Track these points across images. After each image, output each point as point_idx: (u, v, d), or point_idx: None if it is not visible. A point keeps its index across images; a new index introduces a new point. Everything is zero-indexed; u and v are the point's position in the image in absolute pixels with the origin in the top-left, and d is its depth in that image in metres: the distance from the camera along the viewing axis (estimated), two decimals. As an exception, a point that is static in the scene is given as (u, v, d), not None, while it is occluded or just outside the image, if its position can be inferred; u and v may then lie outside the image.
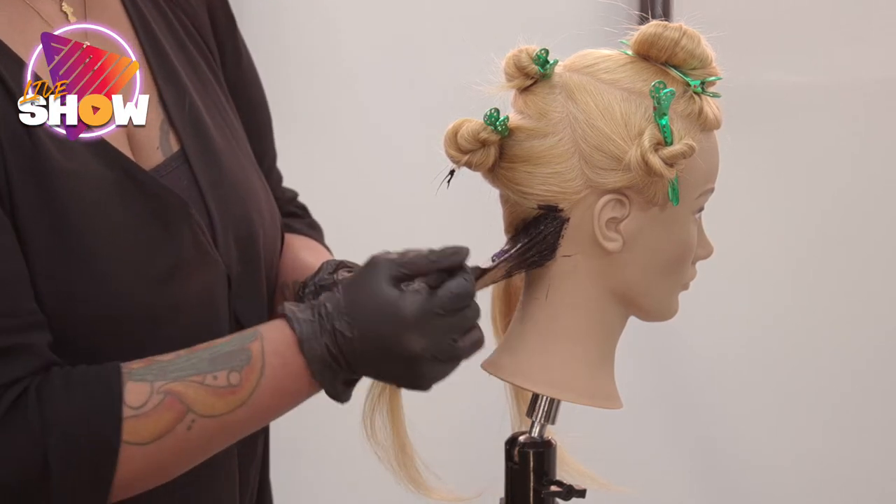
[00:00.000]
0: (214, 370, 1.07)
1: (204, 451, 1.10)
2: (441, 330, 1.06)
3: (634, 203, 1.07)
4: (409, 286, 1.06)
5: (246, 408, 1.08)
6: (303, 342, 1.07)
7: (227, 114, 1.28)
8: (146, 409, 1.05)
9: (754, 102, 2.05)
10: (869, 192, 2.18)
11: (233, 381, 1.07)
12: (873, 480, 2.23)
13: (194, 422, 1.06)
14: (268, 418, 1.12)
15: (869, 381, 2.21)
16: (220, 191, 1.21)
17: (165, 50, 1.23)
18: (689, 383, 2.19)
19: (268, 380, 1.08)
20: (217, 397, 1.07)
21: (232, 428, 1.09)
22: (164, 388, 1.06)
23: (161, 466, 1.08)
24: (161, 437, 1.06)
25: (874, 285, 2.20)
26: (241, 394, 1.07)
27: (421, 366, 1.06)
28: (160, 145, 1.20)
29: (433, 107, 1.68)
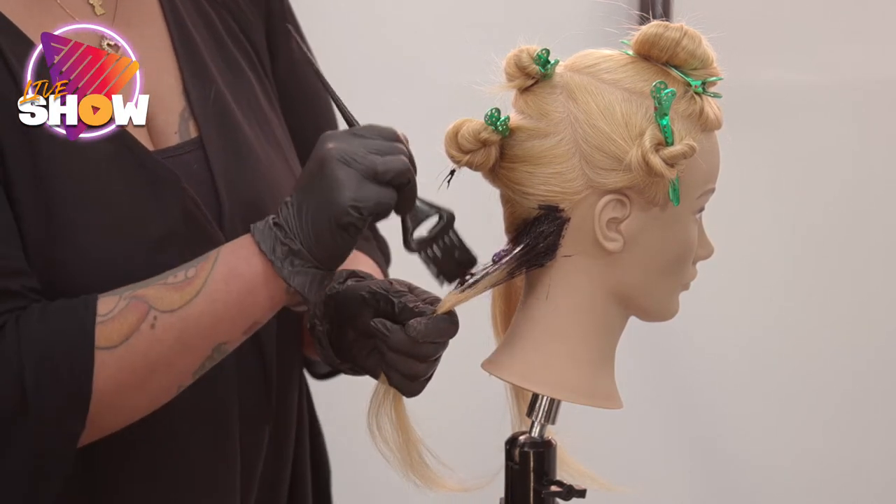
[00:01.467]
0: (176, 271, 1.11)
1: (174, 354, 1.10)
2: (357, 142, 1.07)
3: (635, 203, 1.07)
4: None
5: (201, 298, 1.09)
6: (253, 228, 1.10)
7: (260, 109, 1.30)
8: (113, 313, 1.09)
9: (754, 102, 2.05)
10: (869, 191, 2.18)
11: (189, 275, 1.10)
12: (873, 480, 2.23)
13: (157, 318, 1.09)
14: (228, 314, 1.11)
15: (869, 381, 2.21)
16: (234, 176, 1.22)
17: (196, 42, 1.26)
18: (689, 383, 2.19)
19: (220, 265, 1.10)
20: (175, 291, 1.09)
21: (194, 323, 1.09)
22: (130, 294, 1.10)
23: (135, 372, 1.09)
24: (128, 339, 1.08)
25: (874, 285, 2.20)
26: (195, 283, 1.09)
27: (333, 165, 1.06)
28: (178, 131, 1.22)
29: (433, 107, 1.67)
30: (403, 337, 1.10)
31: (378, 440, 1.14)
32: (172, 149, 1.21)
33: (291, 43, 1.36)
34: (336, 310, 1.19)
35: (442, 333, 1.11)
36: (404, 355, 1.11)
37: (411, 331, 1.10)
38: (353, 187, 1.06)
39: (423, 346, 1.11)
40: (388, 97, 2.07)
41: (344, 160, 1.06)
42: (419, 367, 1.12)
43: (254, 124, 1.28)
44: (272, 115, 1.32)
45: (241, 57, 1.31)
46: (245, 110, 1.28)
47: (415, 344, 1.10)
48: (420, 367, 1.12)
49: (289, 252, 1.08)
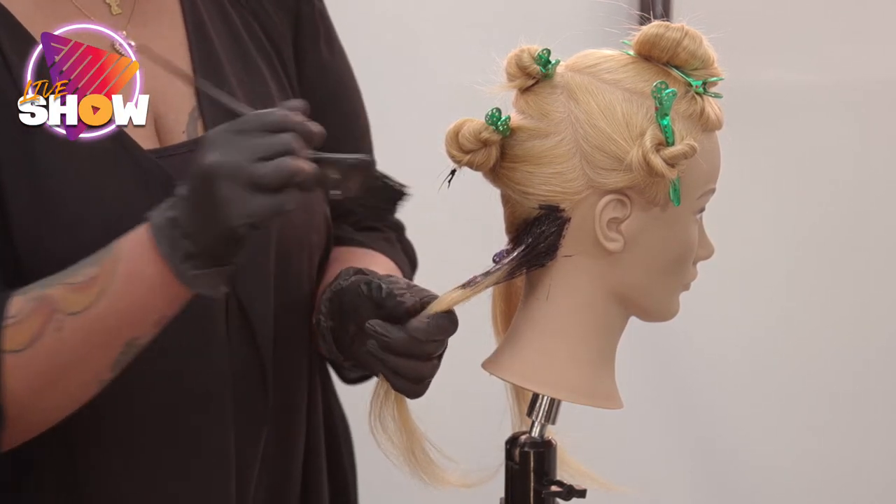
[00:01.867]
0: (79, 269, 1.10)
1: (84, 354, 1.10)
2: (238, 146, 1.03)
3: (636, 203, 1.07)
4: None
5: (105, 299, 1.08)
6: (151, 219, 1.08)
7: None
8: (20, 316, 1.09)
9: (754, 102, 2.05)
10: (869, 191, 2.18)
11: (91, 274, 1.09)
12: (873, 481, 2.23)
13: (62, 321, 1.08)
14: (133, 313, 1.09)
15: (870, 381, 2.21)
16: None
17: (212, 43, 1.26)
18: (689, 383, 2.19)
19: (122, 265, 1.08)
20: (77, 292, 1.09)
21: (100, 324, 1.09)
22: (35, 295, 1.09)
23: (46, 373, 1.09)
24: (35, 342, 1.09)
25: (875, 285, 2.20)
26: (99, 283, 1.09)
27: (216, 184, 1.02)
28: (186, 129, 1.22)
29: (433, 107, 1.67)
30: (404, 337, 1.10)
31: (382, 439, 1.14)
32: (175, 146, 1.21)
33: (320, 45, 1.35)
34: (339, 305, 1.18)
35: (443, 331, 1.10)
36: (405, 356, 1.11)
37: (413, 330, 1.09)
38: (240, 204, 1.03)
39: (424, 345, 1.10)
40: (388, 97, 2.07)
41: (227, 175, 1.02)
42: (423, 367, 1.11)
43: None
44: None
45: (261, 58, 1.31)
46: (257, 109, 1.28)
47: (416, 343, 1.10)
48: (424, 367, 1.11)
49: (187, 256, 1.07)
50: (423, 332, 1.09)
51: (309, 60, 1.36)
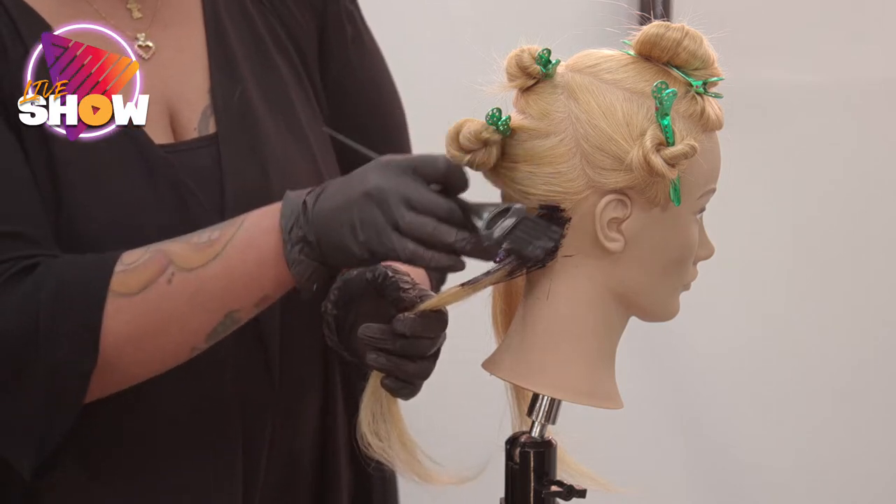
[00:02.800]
0: (204, 231, 1.13)
1: (187, 312, 1.12)
2: (404, 184, 1.06)
3: (636, 203, 1.07)
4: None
5: (218, 262, 1.11)
6: (286, 198, 1.11)
7: (291, 108, 1.31)
8: (137, 264, 1.12)
9: (755, 102, 2.05)
10: (869, 191, 2.18)
11: (213, 237, 1.12)
12: (873, 480, 2.23)
13: (174, 275, 1.11)
14: (240, 281, 1.12)
15: (869, 381, 2.21)
16: (244, 172, 1.24)
17: (230, 43, 1.29)
18: (689, 383, 2.19)
19: (242, 232, 1.12)
20: (196, 251, 1.12)
21: (208, 285, 1.11)
22: (157, 247, 1.12)
23: (148, 322, 1.12)
24: (146, 289, 1.11)
25: (874, 284, 2.20)
26: (216, 246, 1.12)
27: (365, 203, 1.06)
28: (198, 126, 1.25)
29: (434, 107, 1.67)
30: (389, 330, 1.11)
31: (373, 439, 1.14)
32: (186, 142, 1.24)
33: (347, 44, 1.38)
34: (347, 294, 1.19)
35: (428, 328, 1.11)
36: (394, 354, 1.11)
37: (399, 325, 1.10)
38: (372, 233, 1.06)
39: (412, 343, 1.11)
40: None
41: (380, 202, 1.06)
42: (410, 366, 1.12)
43: (280, 122, 1.30)
44: (306, 113, 1.33)
45: (280, 58, 1.33)
46: (273, 109, 1.30)
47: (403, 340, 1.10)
48: (411, 366, 1.12)
49: (302, 238, 1.10)
50: (407, 327, 1.10)
51: (336, 58, 1.37)
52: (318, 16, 1.36)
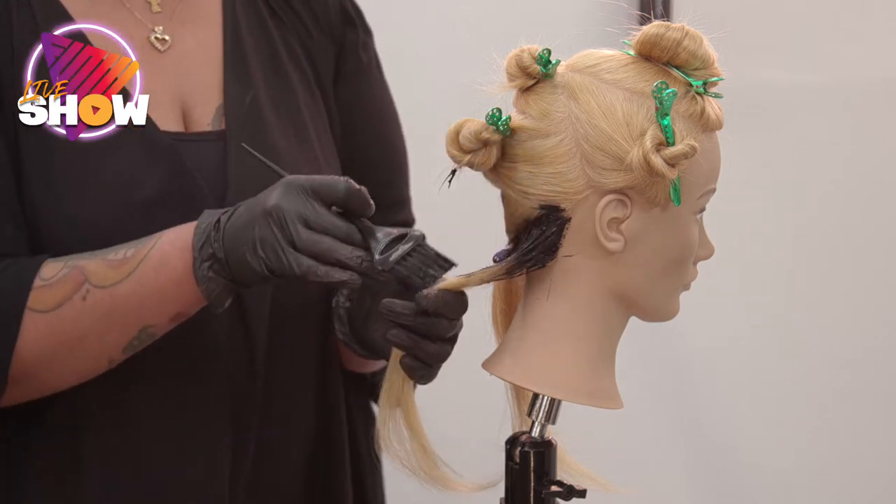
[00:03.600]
0: (120, 248, 1.15)
1: (101, 328, 1.15)
2: (300, 204, 1.10)
3: (636, 203, 1.07)
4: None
5: (132, 280, 1.14)
6: (201, 216, 1.14)
7: (301, 120, 1.33)
8: (53, 280, 1.14)
9: (755, 102, 2.05)
10: (868, 191, 2.18)
11: (127, 255, 1.15)
12: (873, 480, 2.23)
13: (89, 292, 1.14)
14: (153, 299, 1.15)
15: (869, 381, 2.21)
16: (248, 168, 1.25)
17: (246, 50, 1.31)
18: (689, 383, 2.19)
19: (156, 251, 1.14)
20: (111, 268, 1.14)
21: (122, 302, 1.14)
22: (73, 263, 1.15)
23: (63, 338, 1.14)
24: (61, 306, 1.14)
25: (874, 284, 2.20)
26: (130, 264, 1.14)
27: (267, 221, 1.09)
28: (211, 122, 1.27)
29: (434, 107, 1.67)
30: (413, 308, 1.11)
31: (392, 445, 1.14)
32: (198, 133, 1.26)
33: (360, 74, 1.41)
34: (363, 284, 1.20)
35: (450, 307, 1.11)
36: (416, 334, 1.12)
37: (422, 301, 1.10)
38: (273, 251, 1.10)
39: (434, 324, 1.11)
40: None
41: (279, 221, 1.10)
42: (430, 346, 1.12)
43: (287, 129, 1.31)
44: (317, 125, 1.35)
45: (294, 71, 1.35)
46: (282, 117, 1.32)
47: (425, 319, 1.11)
48: (431, 346, 1.12)
49: (211, 256, 1.13)
50: (430, 303, 1.10)
51: (350, 85, 1.40)
52: (336, 41, 1.39)
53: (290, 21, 1.36)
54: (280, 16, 1.36)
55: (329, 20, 1.39)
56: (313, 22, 1.37)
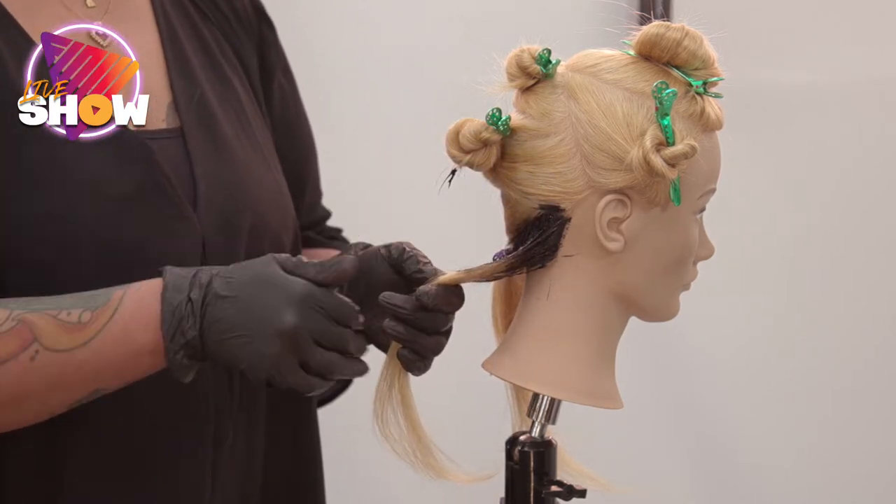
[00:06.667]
0: (72, 307, 1.09)
1: (50, 389, 1.10)
2: (318, 324, 1.08)
3: (636, 203, 1.07)
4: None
5: (88, 349, 1.09)
6: (167, 289, 1.09)
7: (244, 115, 1.32)
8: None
9: (755, 102, 2.05)
10: (868, 191, 2.18)
11: (83, 319, 1.09)
12: (873, 480, 2.23)
13: (38, 352, 1.08)
14: (113, 370, 1.10)
15: (869, 380, 2.21)
16: (211, 167, 1.24)
17: (184, 47, 1.29)
18: (689, 383, 2.19)
19: (115, 324, 1.09)
20: (64, 332, 1.09)
21: (75, 369, 1.09)
22: (20, 316, 1.09)
23: (8, 395, 1.09)
24: (5, 362, 1.08)
25: (874, 284, 2.20)
26: (87, 331, 1.09)
27: (278, 339, 1.06)
28: (165, 118, 1.24)
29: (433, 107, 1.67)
30: (413, 302, 1.12)
31: (388, 434, 1.14)
32: (154, 131, 1.22)
33: (279, 71, 1.40)
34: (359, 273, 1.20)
35: (448, 302, 1.12)
36: (413, 327, 1.12)
37: (424, 296, 1.11)
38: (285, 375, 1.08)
39: (431, 317, 1.12)
40: (388, 97, 2.07)
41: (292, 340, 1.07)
42: (426, 339, 1.13)
43: (237, 128, 1.30)
44: (257, 125, 1.34)
45: (230, 71, 1.34)
46: (229, 115, 1.30)
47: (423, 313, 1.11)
48: (427, 340, 1.13)
49: (186, 345, 1.08)
50: (430, 298, 1.11)
51: (276, 80, 1.40)
52: (254, 37, 1.38)
53: (216, 19, 1.35)
54: (206, 13, 1.34)
55: (248, 16, 1.38)
56: (235, 19, 1.36)
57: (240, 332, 1.07)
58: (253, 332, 1.07)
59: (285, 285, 1.08)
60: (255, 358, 1.07)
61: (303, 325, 1.07)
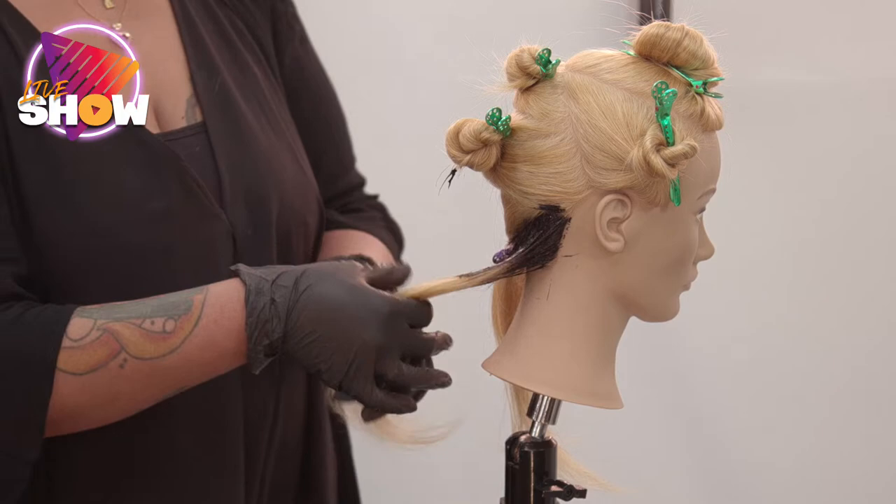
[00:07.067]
0: (154, 315, 1.12)
1: (139, 393, 1.13)
2: (405, 338, 1.11)
3: (636, 203, 1.07)
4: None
5: (175, 356, 1.12)
6: (249, 294, 1.11)
7: (265, 101, 1.34)
8: (84, 342, 1.11)
9: (755, 102, 2.05)
10: (869, 191, 2.18)
11: (167, 329, 1.12)
12: (873, 480, 2.23)
13: (126, 360, 1.11)
14: (199, 372, 1.14)
15: (868, 380, 2.21)
16: (235, 159, 1.26)
17: (202, 36, 1.30)
18: (689, 383, 2.19)
19: (200, 330, 1.12)
20: (150, 341, 1.11)
21: (163, 374, 1.12)
22: (104, 326, 1.11)
23: (96, 399, 1.12)
24: (94, 370, 1.11)
25: (874, 284, 2.20)
26: (172, 341, 1.12)
27: (361, 353, 1.09)
28: (185, 115, 1.26)
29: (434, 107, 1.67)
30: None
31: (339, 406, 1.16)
32: (177, 131, 1.24)
33: (295, 42, 1.40)
34: None
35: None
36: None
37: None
38: (359, 386, 1.11)
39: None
40: (388, 97, 2.07)
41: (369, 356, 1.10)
42: (404, 409, 1.16)
43: (259, 114, 1.32)
44: (277, 107, 1.36)
45: (248, 53, 1.35)
46: (250, 101, 1.31)
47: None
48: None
49: (268, 346, 1.11)
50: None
51: (288, 54, 1.41)
52: (267, 13, 1.39)
53: (230, 1, 1.36)
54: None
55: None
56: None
57: (325, 341, 1.10)
58: (339, 342, 1.10)
59: (373, 302, 1.11)
60: (337, 365, 1.10)
61: (389, 342, 1.10)
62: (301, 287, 1.11)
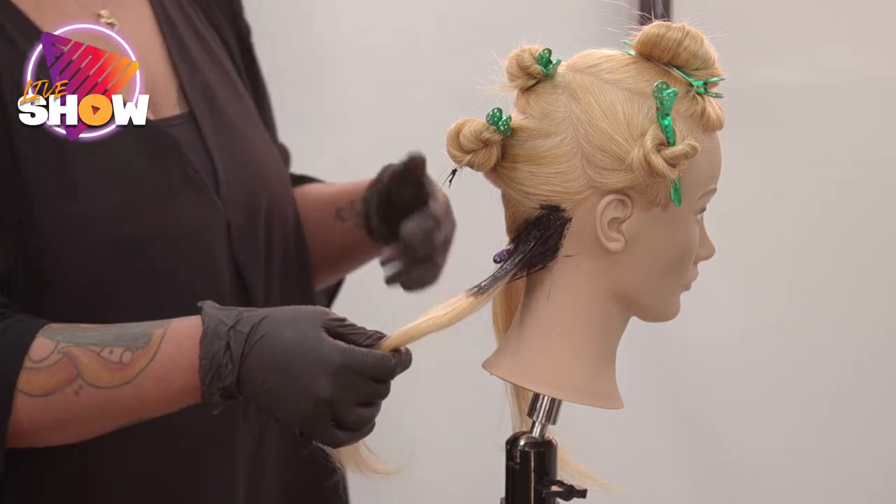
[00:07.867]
0: (114, 345, 1.12)
1: (95, 420, 1.13)
2: (354, 392, 1.08)
3: (636, 203, 1.07)
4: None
5: (130, 387, 1.12)
6: (205, 336, 1.10)
7: (239, 96, 1.36)
8: (43, 364, 1.12)
9: (755, 102, 2.05)
10: (869, 191, 2.18)
11: (124, 360, 1.12)
12: (872, 480, 2.23)
13: (82, 388, 1.11)
14: (152, 406, 1.13)
15: (869, 380, 2.21)
16: (225, 147, 1.28)
17: (180, 32, 1.32)
18: (689, 383, 2.19)
19: (156, 365, 1.12)
20: (106, 370, 1.12)
21: (117, 404, 1.12)
22: (65, 349, 1.12)
23: (54, 422, 1.13)
24: (51, 394, 1.11)
25: (874, 285, 2.20)
26: (128, 372, 1.12)
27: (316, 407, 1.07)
28: (177, 103, 1.27)
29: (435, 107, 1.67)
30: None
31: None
32: (171, 118, 1.26)
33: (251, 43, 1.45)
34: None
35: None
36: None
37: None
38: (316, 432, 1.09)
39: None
40: (388, 97, 2.07)
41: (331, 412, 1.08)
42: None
43: (235, 105, 1.34)
44: (247, 97, 1.39)
45: (216, 48, 1.37)
46: (230, 96, 1.34)
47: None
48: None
49: (222, 389, 1.10)
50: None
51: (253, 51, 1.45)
52: (228, 13, 1.42)
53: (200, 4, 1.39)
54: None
55: None
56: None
57: (279, 390, 1.08)
58: (289, 394, 1.08)
59: (325, 353, 1.08)
60: (292, 415, 1.08)
61: (337, 396, 1.07)
62: (256, 335, 1.09)
